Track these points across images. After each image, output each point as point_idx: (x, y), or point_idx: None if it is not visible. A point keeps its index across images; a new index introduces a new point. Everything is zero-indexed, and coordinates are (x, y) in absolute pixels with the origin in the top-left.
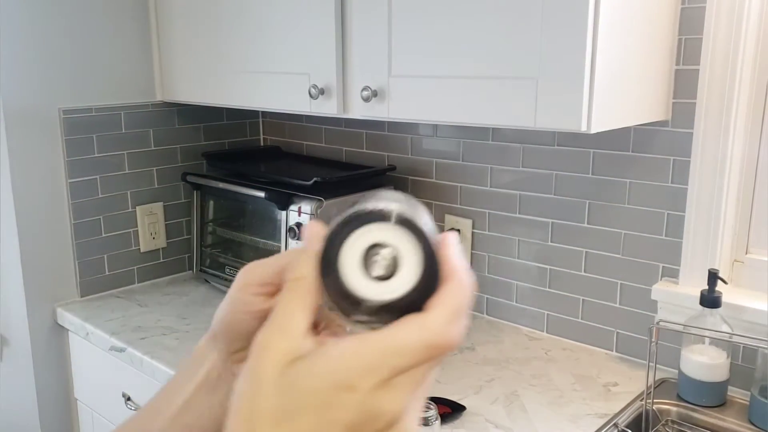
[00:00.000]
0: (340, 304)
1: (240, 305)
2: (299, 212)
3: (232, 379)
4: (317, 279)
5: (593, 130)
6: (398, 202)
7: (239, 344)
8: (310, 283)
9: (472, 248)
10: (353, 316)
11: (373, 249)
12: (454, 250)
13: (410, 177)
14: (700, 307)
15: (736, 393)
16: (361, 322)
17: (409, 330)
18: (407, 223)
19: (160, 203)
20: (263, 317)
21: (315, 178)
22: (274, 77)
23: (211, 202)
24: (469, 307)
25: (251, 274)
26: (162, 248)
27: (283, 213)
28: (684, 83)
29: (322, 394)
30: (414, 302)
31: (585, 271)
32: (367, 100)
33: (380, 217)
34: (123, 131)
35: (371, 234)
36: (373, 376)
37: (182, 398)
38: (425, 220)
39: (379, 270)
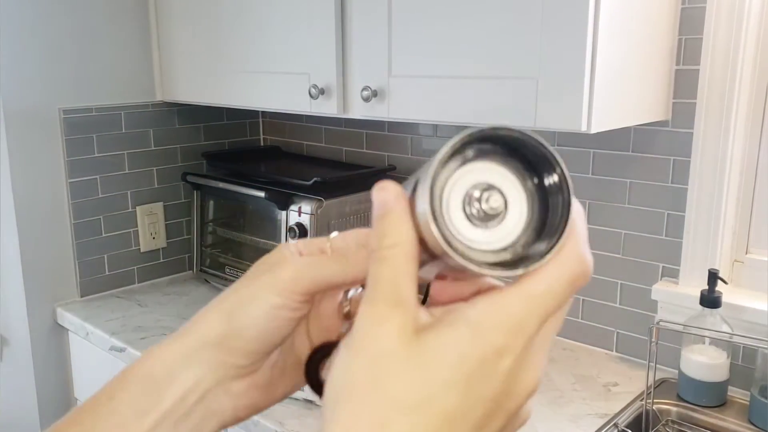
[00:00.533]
0: (453, 265)
1: (286, 311)
2: (299, 212)
3: (227, 401)
4: (416, 242)
5: (593, 130)
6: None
7: (256, 357)
8: (409, 248)
9: None
10: (473, 271)
11: (471, 192)
12: None
13: None
14: (700, 307)
15: (736, 393)
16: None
17: (546, 270)
18: (501, 157)
19: (160, 203)
20: (298, 324)
21: (315, 178)
22: (274, 77)
23: (211, 202)
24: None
25: (303, 278)
26: (162, 248)
27: (283, 213)
28: (684, 83)
29: (470, 363)
30: (532, 240)
31: None
32: (367, 100)
33: (466, 155)
34: (123, 131)
35: (467, 177)
36: (524, 331)
37: None
38: (522, 142)
39: (485, 215)
